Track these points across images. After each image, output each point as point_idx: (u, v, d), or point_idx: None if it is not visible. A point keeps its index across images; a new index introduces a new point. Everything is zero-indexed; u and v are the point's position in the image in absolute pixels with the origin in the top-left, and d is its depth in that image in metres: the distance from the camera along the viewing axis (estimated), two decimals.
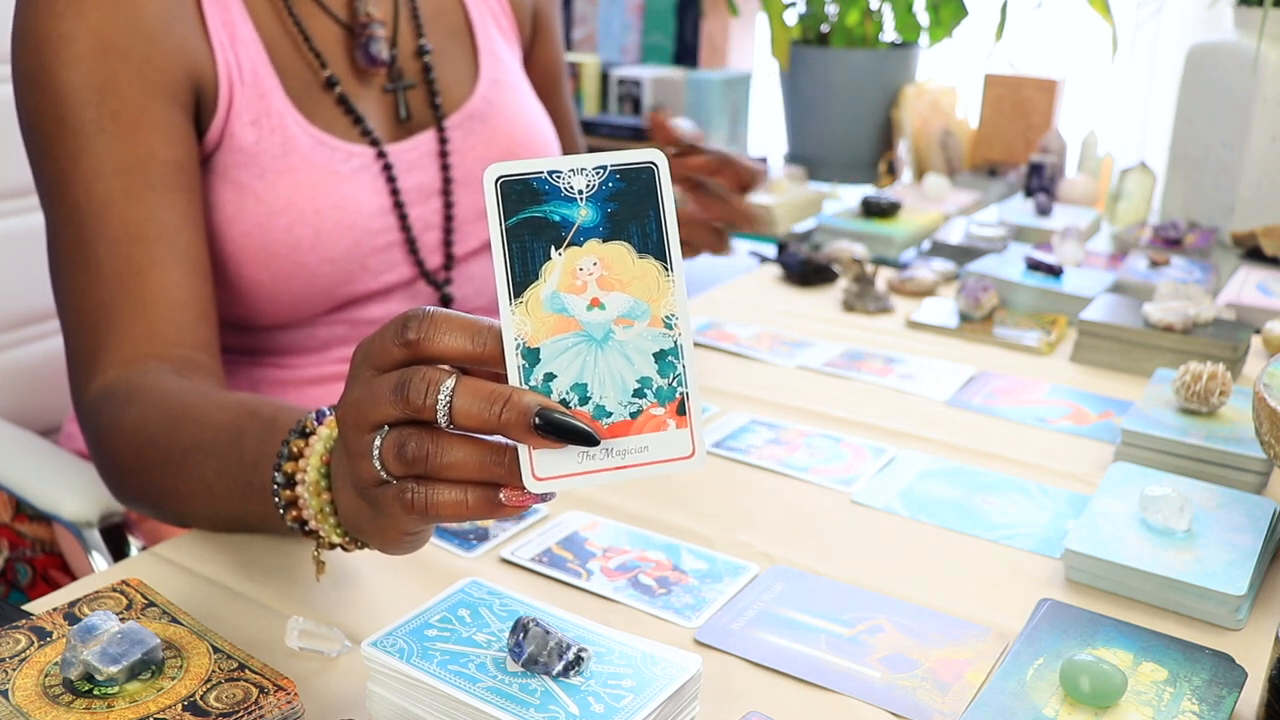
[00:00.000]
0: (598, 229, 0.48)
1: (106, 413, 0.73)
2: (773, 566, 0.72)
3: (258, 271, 0.85)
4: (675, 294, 0.48)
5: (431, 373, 0.48)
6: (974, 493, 0.82)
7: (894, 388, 1.01)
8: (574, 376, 0.48)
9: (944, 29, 2.06)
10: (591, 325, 0.48)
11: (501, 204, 0.47)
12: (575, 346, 0.48)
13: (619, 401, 0.48)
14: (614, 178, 0.48)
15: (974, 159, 1.92)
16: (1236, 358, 1.01)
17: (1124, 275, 1.23)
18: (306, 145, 0.86)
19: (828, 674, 0.61)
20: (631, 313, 0.48)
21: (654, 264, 0.48)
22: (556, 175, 0.48)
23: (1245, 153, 1.39)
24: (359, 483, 0.51)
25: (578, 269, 0.48)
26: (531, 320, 0.47)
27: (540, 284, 0.48)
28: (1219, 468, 0.81)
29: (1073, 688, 0.57)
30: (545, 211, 0.48)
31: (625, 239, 0.48)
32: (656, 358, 0.48)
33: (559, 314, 0.48)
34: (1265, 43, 1.34)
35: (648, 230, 0.48)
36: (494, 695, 0.51)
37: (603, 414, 0.48)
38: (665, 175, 0.48)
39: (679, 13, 2.61)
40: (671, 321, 0.48)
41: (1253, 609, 0.67)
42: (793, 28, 2.11)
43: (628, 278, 0.48)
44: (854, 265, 1.25)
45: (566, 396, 0.47)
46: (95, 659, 0.51)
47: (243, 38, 0.84)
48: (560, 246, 0.48)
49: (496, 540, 0.74)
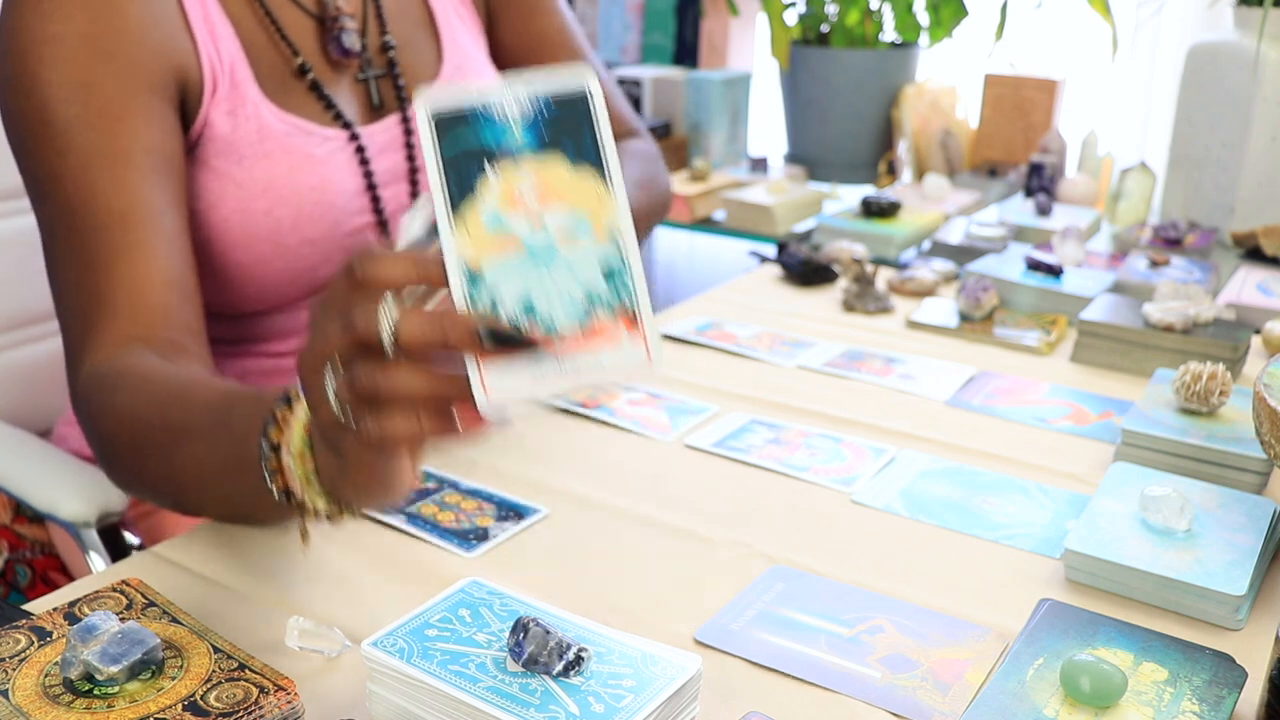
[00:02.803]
0: (532, 144, 0.48)
1: (96, 399, 0.74)
2: (773, 566, 0.72)
3: (240, 255, 0.87)
4: (616, 205, 0.48)
5: (372, 302, 0.48)
6: (974, 493, 0.82)
7: (894, 388, 1.01)
8: (520, 294, 0.47)
9: (944, 29, 2.06)
10: (533, 241, 0.48)
11: (436, 134, 0.48)
12: (519, 265, 0.48)
13: (568, 315, 0.47)
14: (547, 103, 0.48)
15: (974, 159, 1.92)
16: (1236, 358, 1.01)
17: (1124, 275, 1.22)
18: (281, 131, 0.87)
19: (828, 674, 0.61)
20: (574, 227, 0.48)
21: (593, 176, 0.48)
22: (489, 104, 0.48)
23: (1245, 152, 1.39)
24: (323, 431, 0.52)
25: (515, 186, 0.48)
26: (472, 240, 0.47)
27: (479, 204, 0.48)
28: (1219, 468, 0.81)
29: (1073, 688, 0.57)
30: (480, 137, 0.48)
31: (560, 150, 0.48)
32: (603, 269, 0.48)
33: (500, 233, 0.48)
34: (1265, 42, 1.34)
35: (583, 145, 0.48)
36: (494, 695, 0.51)
37: (552, 329, 0.47)
38: (598, 95, 0.49)
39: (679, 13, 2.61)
40: (616, 233, 0.48)
41: (1253, 609, 0.67)
42: (793, 28, 2.11)
43: (567, 191, 0.48)
44: (854, 265, 1.25)
45: (514, 315, 0.47)
46: (95, 659, 0.51)
47: (221, 32, 0.86)
48: (495, 166, 0.48)
49: (496, 541, 0.74)
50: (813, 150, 2.07)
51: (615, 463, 0.86)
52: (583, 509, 0.79)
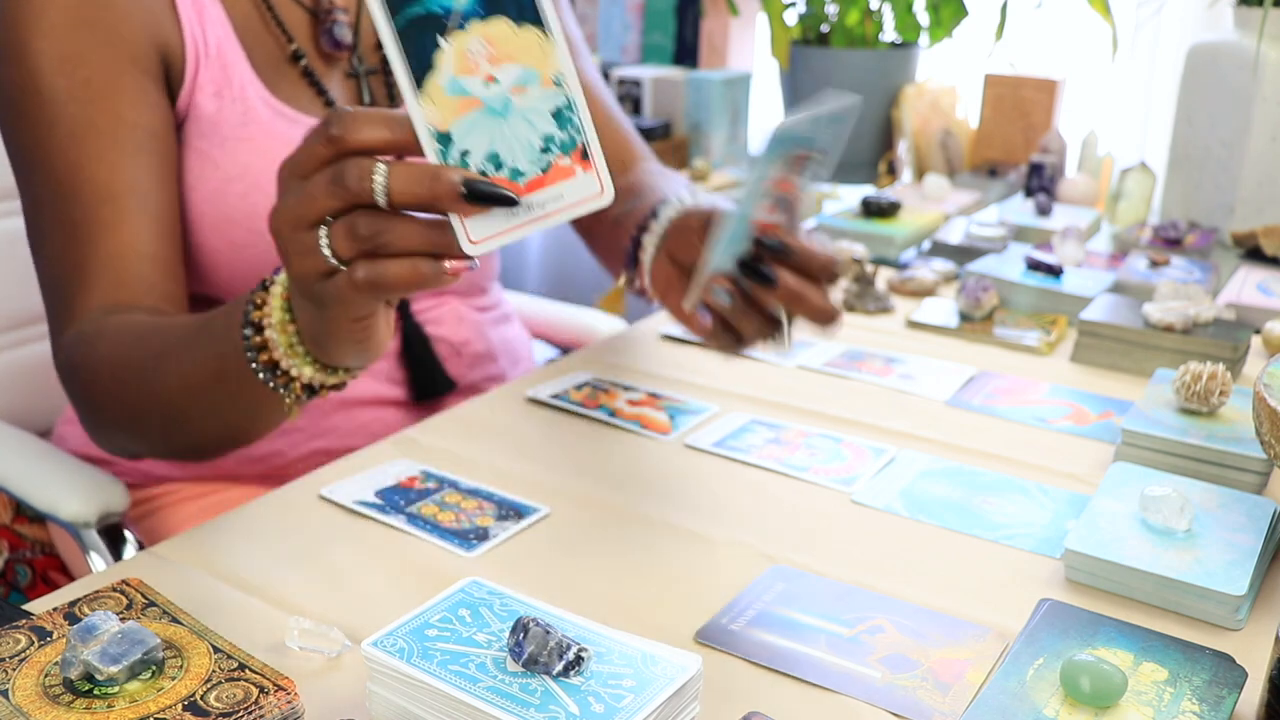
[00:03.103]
0: (477, 10, 0.52)
1: (78, 353, 0.77)
2: (773, 566, 0.72)
3: (215, 239, 0.88)
4: (558, 53, 0.53)
5: (364, 160, 0.53)
6: (974, 493, 0.82)
7: (894, 388, 1.01)
8: (486, 148, 0.53)
9: (944, 29, 2.06)
10: (491, 99, 0.53)
11: (387, 8, 0.51)
12: (481, 121, 0.53)
13: (530, 161, 0.53)
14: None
15: (974, 159, 1.92)
16: (1237, 358, 1.01)
17: (1124, 275, 1.22)
18: (266, 116, 0.88)
19: (828, 674, 0.61)
20: (523, 79, 0.53)
21: (534, 31, 0.52)
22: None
23: (1245, 152, 1.39)
24: (303, 281, 0.56)
25: (467, 51, 0.52)
26: (437, 107, 0.52)
27: (437, 73, 0.52)
28: (1219, 468, 0.81)
29: (1073, 688, 0.57)
30: (426, 6, 0.52)
31: (503, 13, 0.52)
32: (554, 115, 0.53)
33: (460, 96, 0.52)
34: (1265, 42, 1.34)
35: (523, 3, 0.52)
36: (494, 695, 0.51)
37: (518, 175, 0.53)
38: None
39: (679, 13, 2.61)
40: (560, 79, 0.53)
41: (1253, 609, 0.67)
42: (793, 27, 2.11)
43: (514, 49, 0.52)
44: (854, 265, 1.25)
45: (483, 167, 0.53)
46: (95, 659, 0.51)
47: (210, 15, 0.87)
48: (446, 35, 0.52)
49: (496, 540, 0.74)
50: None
51: (615, 462, 0.86)
52: (583, 509, 0.79)
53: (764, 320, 0.72)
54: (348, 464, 0.85)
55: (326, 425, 0.97)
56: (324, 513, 0.78)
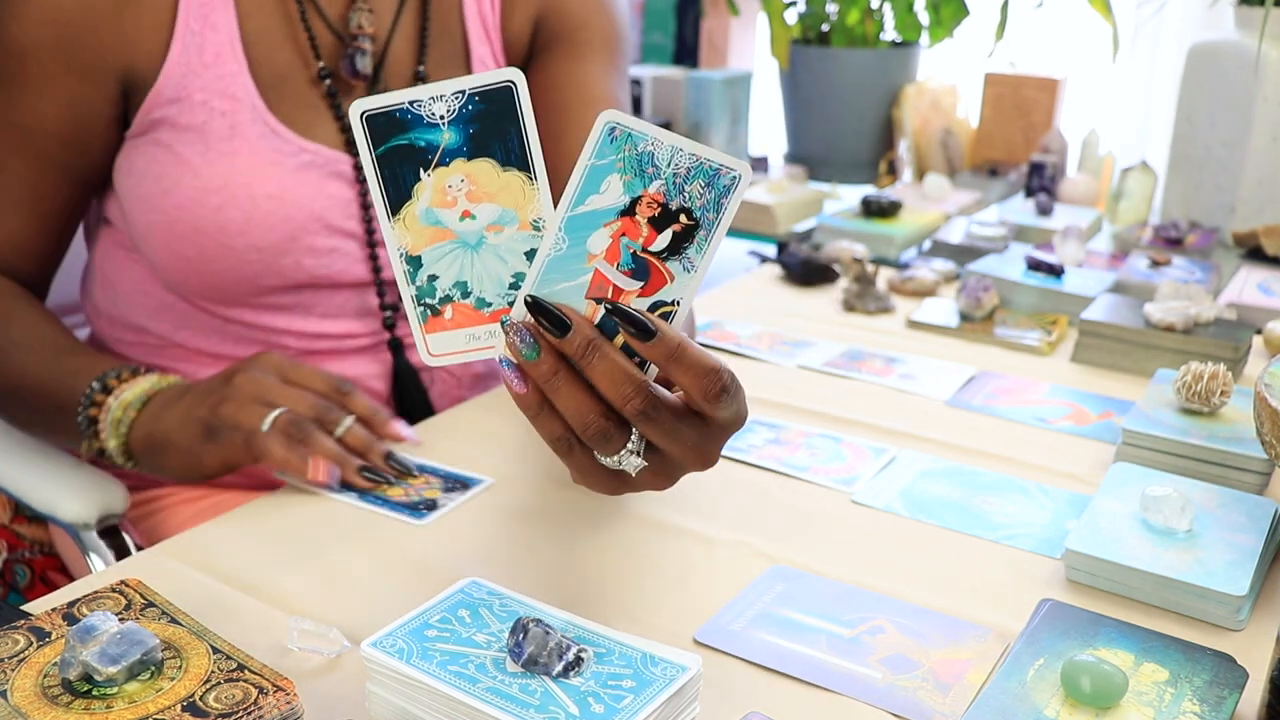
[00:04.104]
0: (462, 149, 0.53)
1: None
2: (773, 566, 0.72)
3: (186, 247, 0.88)
4: (540, 199, 0.53)
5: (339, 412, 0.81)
6: (974, 493, 0.82)
7: (894, 388, 1.01)
8: (455, 276, 0.54)
9: (944, 28, 2.06)
10: (465, 233, 0.54)
11: (369, 136, 0.52)
12: (452, 251, 0.54)
13: (497, 294, 0.55)
14: (473, 100, 0.52)
15: (975, 158, 1.92)
16: (1238, 358, 1.01)
17: (1125, 275, 1.22)
18: (256, 132, 0.88)
19: (828, 675, 0.61)
20: (501, 219, 0.54)
21: (518, 175, 0.53)
22: (418, 104, 0.52)
23: (1246, 152, 1.39)
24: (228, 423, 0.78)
25: (447, 186, 0.53)
26: (410, 233, 0.54)
27: (414, 202, 0.53)
28: (1220, 468, 0.81)
29: (1074, 688, 0.57)
30: (411, 139, 0.52)
31: (489, 155, 0.52)
32: (528, 256, 0.54)
33: (434, 226, 0.54)
34: (1266, 42, 1.34)
35: (510, 145, 0.52)
36: (494, 696, 0.51)
37: (483, 304, 0.55)
38: (524, 92, 0.52)
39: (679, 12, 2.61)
40: (539, 224, 0.53)
41: (1254, 609, 0.67)
42: (793, 27, 2.11)
43: (494, 189, 0.53)
44: (854, 265, 1.25)
45: (450, 293, 0.54)
46: (94, 659, 0.51)
47: (216, 23, 0.87)
48: (429, 169, 0.53)
49: (444, 510, 0.75)
50: (813, 150, 2.07)
51: None
52: (583, 509, 0.79)
53: (589, 408, 0.53)
54: None
55: None
56: (324, 513, 0.77)
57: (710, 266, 0.53)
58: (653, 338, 0.51)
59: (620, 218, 0.52)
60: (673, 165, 0.52)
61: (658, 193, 0.52)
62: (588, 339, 0.52)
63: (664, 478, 0.57)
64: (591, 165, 0.51)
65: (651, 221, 0.52)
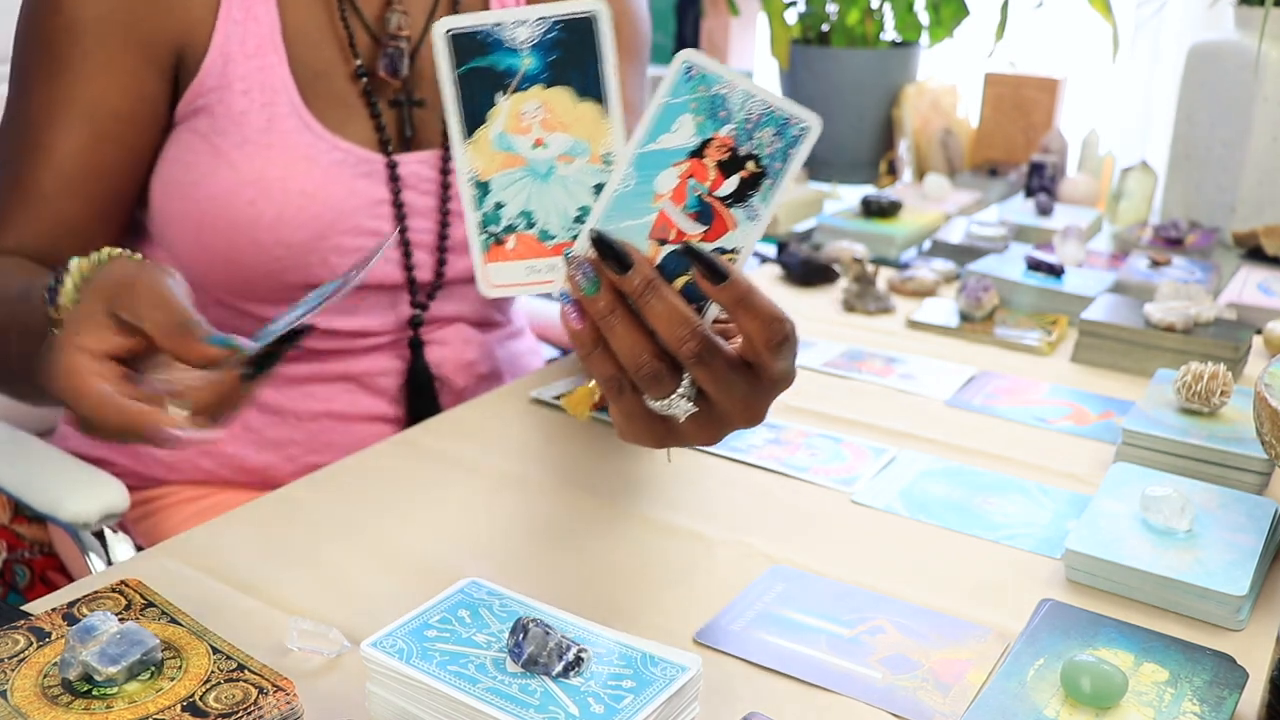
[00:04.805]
0: (541, 75, 0.52)
1: None
2: (773, 566, 0.72)
3: (214, 239, 0.87)
4: (613, 134, 0.53)
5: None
6: (974, 493, 0.82)
7: (894, 388, 1.01)
8: (521, 205, 0.54)
9: (944, 28, 2.06)
10: (535, 161, 0.53)
11: (452, 55, 0.52)
12: (521, 179, 0.54)
13: (561, 226, 0.54)
14: (556, 28, 0.52)
15: (975, 158, 1.92)
16: (1238, 358, 1.01)
17: (1125, 275, 1.22)
18: (291, 126, 0.88)
19: (828, 675, 0.61)
20: (572, 150, 0.53)
21: (594, 106, 0.53)
22: (501, 27, 0.52)
23: (1246, 152, 1.39)
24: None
25: (522, 112, 0.53)
26: (481, 157, 0.53)
27: (488, 126, 0.53)
28: (1220, 468, 0.81)
29: (1074, 688, 0.57)
30: (491, 61, 0.52)
31: (567, 84, 0.52)
32: (596, 190, 0.53)
33: (506, 152, 0.53)
34: (1266, 42, 1.34)
35: (587, 75, 0.52)
36: (494, 696, 0.51)
37: (547, 236, 0.54)
38: (605, 23, 0.52)
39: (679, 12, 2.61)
40: (609, 158, 0.53)
41: (1254, 609, 0.67)
42: (793, 27, 2.11)
43: (569, 119, 0.53)
44: (854, 265, 1.25)
45: (515, 222, 0.54)
46: (94, 659, 0.51)
47: (257, 14, 0.87)
48: (506, 92, 0.52)
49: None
50: (813, 150, 2.06)
51: (616, 463, 0.86)
52: (583, 509, 0.79)
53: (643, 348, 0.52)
54: (343, 466, 0.85)
55: (324, 440, 0.96)
56: (324, 513, 0.77)
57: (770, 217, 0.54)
58: (724, 280, 0.52)
59: (689, 159, 0.52)
60: (745, 110, 0.52)
61: (728, 136, 0.52)
62: (647, 278, 0.52)
63: (711, 430, 0.57)
64: (666, 103, 0.51)
65: (720, 166, 0.53)
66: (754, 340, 0.53)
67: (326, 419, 0.96)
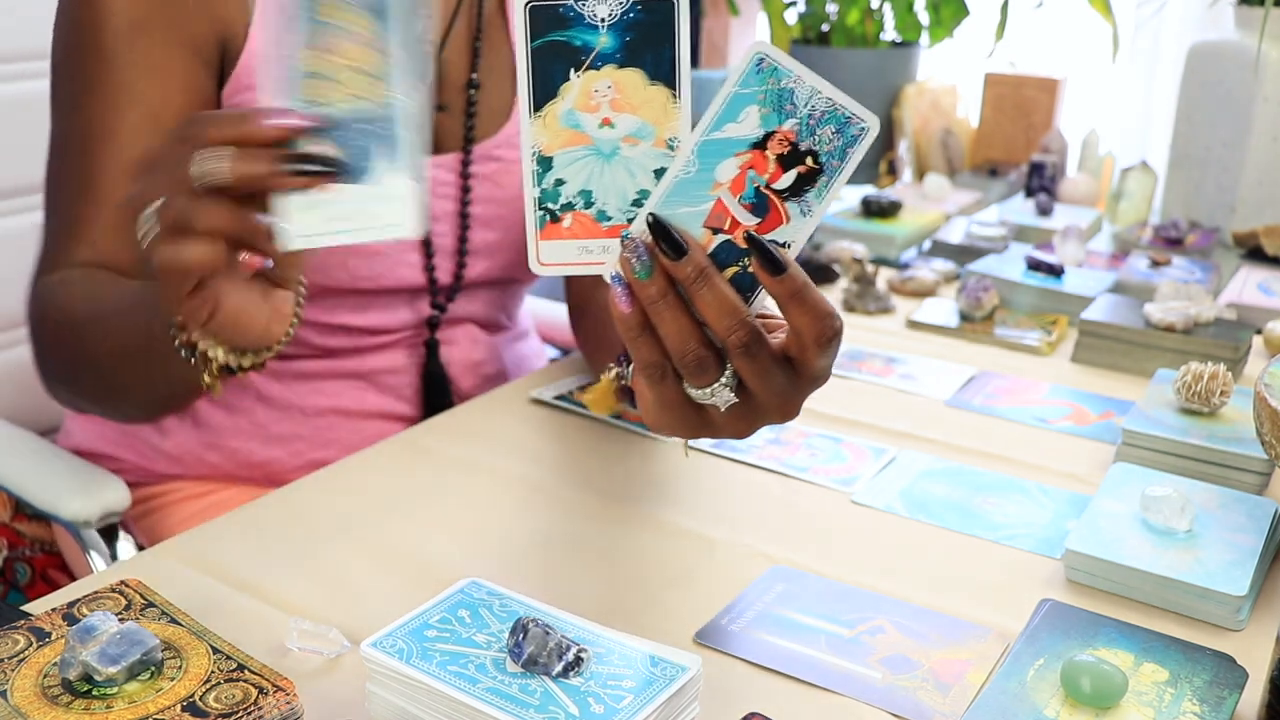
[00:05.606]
0: (615, 55, 0.52)
1: (40, 302, 0.81)
2: (773, 567, 0.72)
3: None
4: (681, 120, 0.53)
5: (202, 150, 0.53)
6: (974, 493, 0.82)
7: (894, 388, 1.01)
8: (581, 184, 0.54)
9: (944, 28, 2.06)
10: (601, 141, 0.53)
11: (529, 26, 0.52)
12: (585, 158, 0.54)
13: (619, 208, 0.54)
14: (635, 8, 0.52)
15: (975, 158, 1.92)
16: (1238, 358, 1.01)
17: (1125, 275, 1.22)
18: None
19: (828, 675, 0.61)
20: (639, 133, 0.53)
21: (664, 91, 0.53)
22: (582, 3, 0.52)
23: (1246, 152, 1.39)
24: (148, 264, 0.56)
25: (593, 90, 0.53)
26: (547, 132, 0.53)
27: (558, 101, 0.53)
28: (1220, 468, 0.81)
29: (1074, 688, 0.57)
30: (568, 36, 0.52)
31: (640, 66, 0.52)
32: (657, 174, 0.53)
33: (573, 129, 0.53)
34: (1266, 42, 1.34)
35: (661, 59, 0.52)
36: (494, 696, 0.51)
37: (604, 217, 0.54)
38: (684, 9, 0.52)
39: None
40: (674, 143, 0.53)
41: (1254, 610, 0.67)
42: (793, 27, 2.11)
43: (638, 101, 0.53)
44: (854, 265, 1.25)
45: (573, 200, 0.54)
46: (94, 660, 0.51)
47: None
48: (579, 69, 0.52)
49: None
50: None
51: (617, 463, 0.86)
52: (584, 509, 0.79)
53: (691, 335, 0.53)
54: (343, 466, 0.85)
55: (330, 436, 0.96)
56: (324, 512, 0.77)
57: (824, 215, 0.54)
58: (783, 272, 0.52)
59: (751, 150, 0.53)
60: (809, 106, 0.52)
61: (791, 130, 0.52)
62: (700, 266, 0.52)
63: (746, 422, 0.57)
64: (735, 93, 0.52)
65: (780, 159, 0.53)
66: (804, 335, 0.53)
67: (333, 415, 0.96)
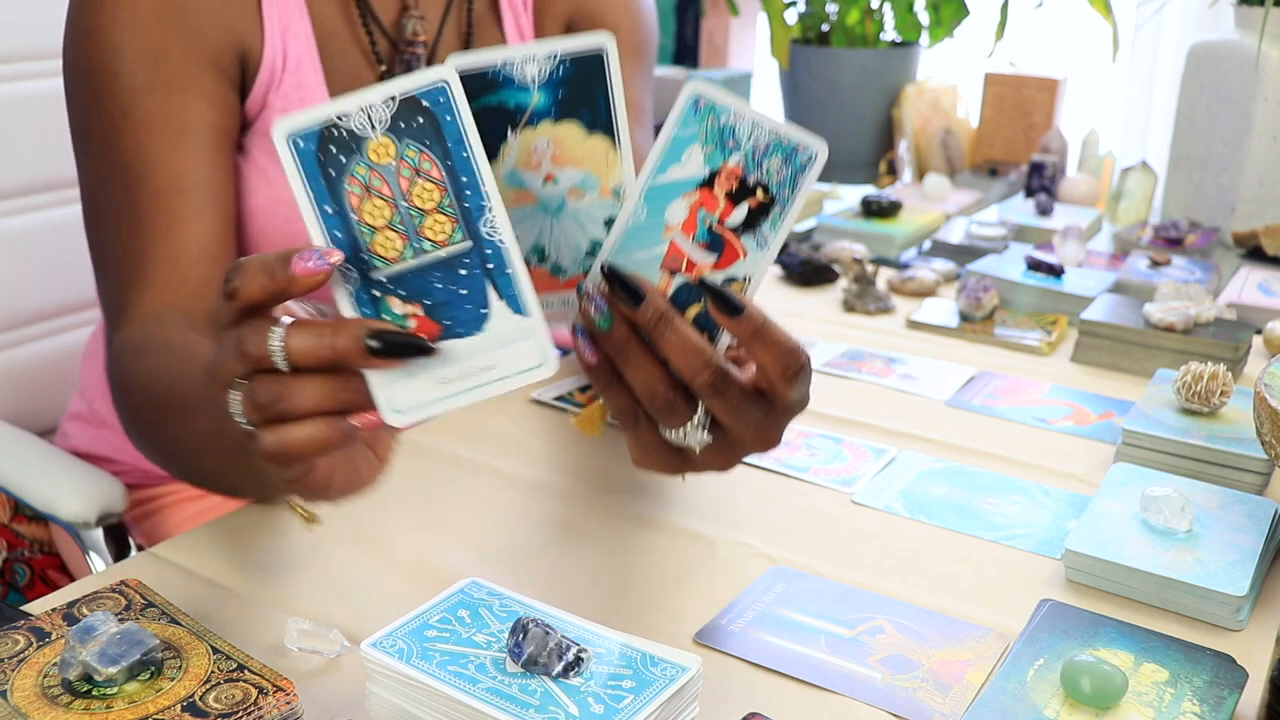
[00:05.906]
0: (550, 111, 0.52)
1: (123, 368, 0.76)
2: (773, 567, 0.72)
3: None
4: (623, 167, 0.53)
5: (261, 322, 0.49)
6: (974, 493, 0.82)
7: (894, 388, 1.01)
8: (532, 240, 0.54)
9: (944, 28, 2.06)
10: (546, 197, 0.53)
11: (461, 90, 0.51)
12: (532, 215, 0.54)
13: (573, 260, 0.54)
14: (565, 63, 0.52)
15: (975, 158, 1.92)
16: (1237, 358, 1.01)
17: (1125, 275, 1.22)
18: None
19: (828, 675, 0.61)
20: (583, 184, 0.53)
21: (604, 140, 0.53)
22: (510, 65, 0.52)
23: (1246, 152, 1.39)
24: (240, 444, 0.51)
25: (533, 148, 0.53)
26: None
27: (499, 163, 0.53)
28: (1220, 468, 0.81)
29: (1073, 689, 0.57)
30: (501, 99, 0.52)
31: (576, 118, 0.52)
32: (607, 224, 0.54)
33: (517, 188, 0.53)
34: (1266, 42, 1.34)
35: (597, 110, 0.52)
36: (494, 696, 0.51)
37: (559, 271, 0.54)
38: (614, 58, 0.51)
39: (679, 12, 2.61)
40: (620, 192, 0.53)
41: (1254, 610, 0.67)
42: (793, 27, 2.11)
43: (579, 154, 0.53)
44: (854, 265, 1.25)
45: (527, 257, 0.53)
46: (94, 660, 0.51)
47: (295, 32, 0.86)
48: (516, 130, 0.52)
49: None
50: None
51: (617, 464, 0.86)
52: (584, 509, 0.79)
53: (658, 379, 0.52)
54: None
55: None
56: (323, 512, 0.77)
57: (780, 245, 0.53)
58: (740, 314, 0.51)
59: (699, 189, 0.52)
60: (752, 140, 0.52)
61: (737, 166, 0.52)
62: (660, 310, 0.51)
63: (725, 457, 0.57)
64: (676, 136, 0.51)
65: (729, 195, 0.52)
66: (769, 371, 0.53)
67: None
